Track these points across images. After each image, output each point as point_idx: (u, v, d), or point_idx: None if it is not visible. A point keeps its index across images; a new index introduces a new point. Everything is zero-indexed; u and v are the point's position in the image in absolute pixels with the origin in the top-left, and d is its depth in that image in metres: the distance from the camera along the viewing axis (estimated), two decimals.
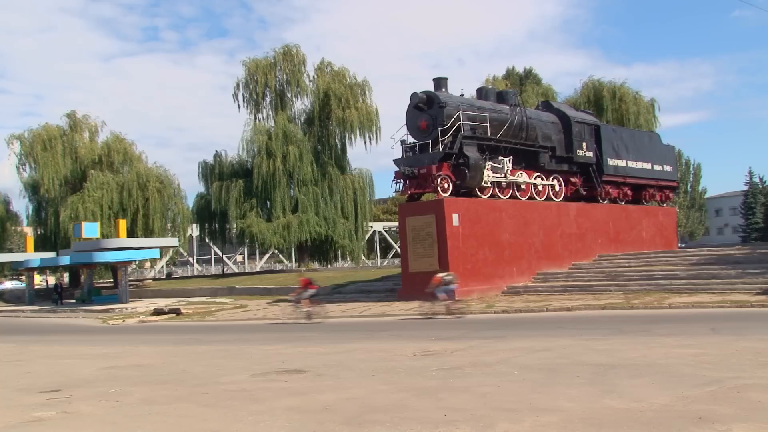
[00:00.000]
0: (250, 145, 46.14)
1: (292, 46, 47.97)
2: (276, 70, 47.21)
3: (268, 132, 45.56)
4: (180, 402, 9.76)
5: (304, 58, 47.75)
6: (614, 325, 16.69)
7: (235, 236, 47.38)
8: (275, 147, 44.21)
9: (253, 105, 47.85)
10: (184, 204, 48.52)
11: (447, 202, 26.23)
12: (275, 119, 46.64)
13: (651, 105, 52.12)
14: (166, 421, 8.66)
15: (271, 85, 47.05)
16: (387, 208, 76.17)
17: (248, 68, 47.25)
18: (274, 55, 47.47)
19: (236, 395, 10.03)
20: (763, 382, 8.98)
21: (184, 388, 10.94)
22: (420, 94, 27.36)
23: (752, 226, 78.93)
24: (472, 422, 7.61)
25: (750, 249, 30.68)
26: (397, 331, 18.80)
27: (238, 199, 44.52)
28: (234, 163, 47.54)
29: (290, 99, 47.98)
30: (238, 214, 44.49)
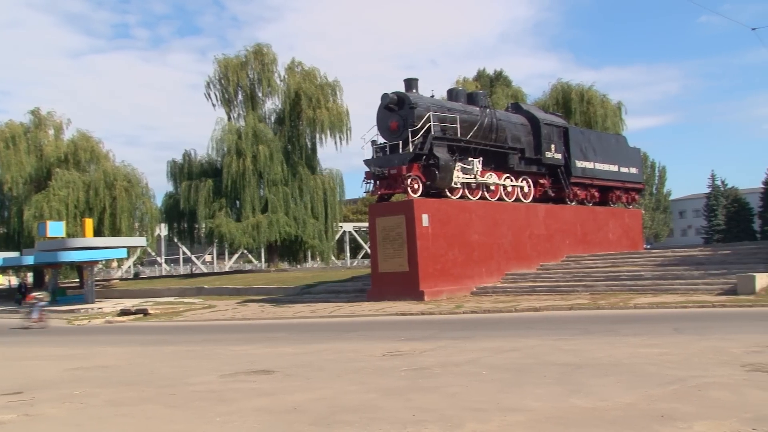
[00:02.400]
0: (220, 144, 45.84)
1: (263, 45, 47.82)
2: (247, 69, 46.97)
3: (238, 131, 45.29)
4: (147, 403, 9.66)
5: (275, 57, 47.61)
6: (581, 326, 16.89)
7: (204, 236, 47.02)
8: (245, 146, 43.97)
9: (225, 104, 47.58)
10: (152, 203, 48.00)
11: (417, 202, 26.31)
12: (246, 118, 46.39)
13: (618, 108, 52.85)
14: (132, 422, 8.57)
15: (242, 84, 46.81)
16: (357, 209, 76.13)
17: (219, 67, 46.93)
18: (246, 54, 47.22)
19: (204, 396, 9.96)
20: (723, 380, 9.17)
21: (151, 389, 10.83)
22: (391, 94, 27.39)
23: (714, 228, 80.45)
24: (440, 422, 7.66)
25: (712, 250, 31.29)
26: (366, 331, 18.80)
27: (207, 198, 44.16)
28: (203, 163, 47.16)
29: (261, 98, 47.79)
30: (207, 213, 44.13)
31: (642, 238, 41.93)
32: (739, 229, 74.80)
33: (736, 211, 78.76)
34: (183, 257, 69.11)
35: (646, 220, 64.39)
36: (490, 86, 54.11)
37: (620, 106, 53.21)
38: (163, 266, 68.66)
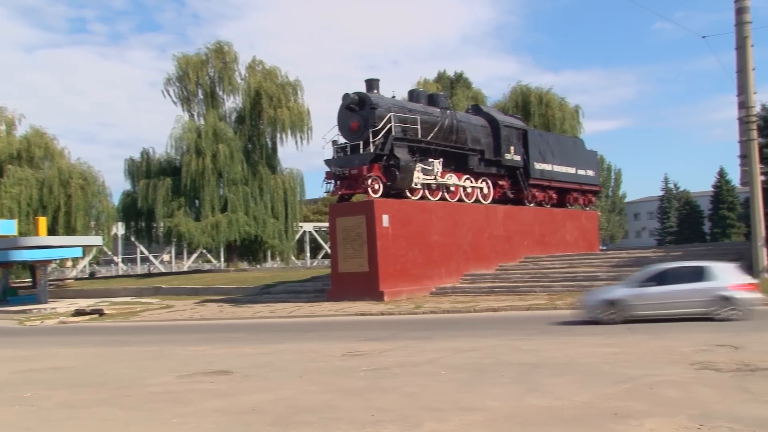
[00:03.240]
0: (179, 142, 45.20)
1: (224, 43, 47.25)
2: (207, 68, 46.39)
3: (197, 130, 44.73)
4: (101, 405, 9.52)
5: (236, 55, 47.12)
6: (539, 326, 17.14)
7: (163, 235, 46.30)
8: (205, 145, 43.46)
9: (184, 102, 46.88)
10: (109, 202, 47.10)
11: (377, 203, 26.36)
12: (206, 117, 45.81)
13: (576, 111, 53.58)
14: (86, 425, 8.44)
15: (202, 82, 46.22)
16: (317, 209, 75.87)
17: (179, 64, 46.25)
18: (206, 52, 46.64)
19: (161, 397, 9.85)
20: (673, 378, 9.42)
21: (107, 390, 10.67)
22: (352, 95, 27.39)
23: (667, 229, 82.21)
24: (399, 422, 7.71)
25: (664, 252, 32.01)
26: (326, 331, 18.79)
27: (165, 197, 43.53)
28: (162, 161, 46.45)
29: (221, 97, 47.23)
30: (165, 212, 43.50)
31: (598, 239, 42.67)
32: (691, 231, 76.60)
33: (688, 213, 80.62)
34: (140, 257, 67.98)
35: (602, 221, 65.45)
36: (451, 88, 54.41)
37: (578, 109, 54.01)
38: (119, 266, 67.43)
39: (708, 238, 73.13)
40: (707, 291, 16.16)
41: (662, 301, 16.47)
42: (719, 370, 9.85)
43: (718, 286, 16.20)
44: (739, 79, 25.58)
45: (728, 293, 16.15)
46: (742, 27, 25.04)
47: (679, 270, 17.18)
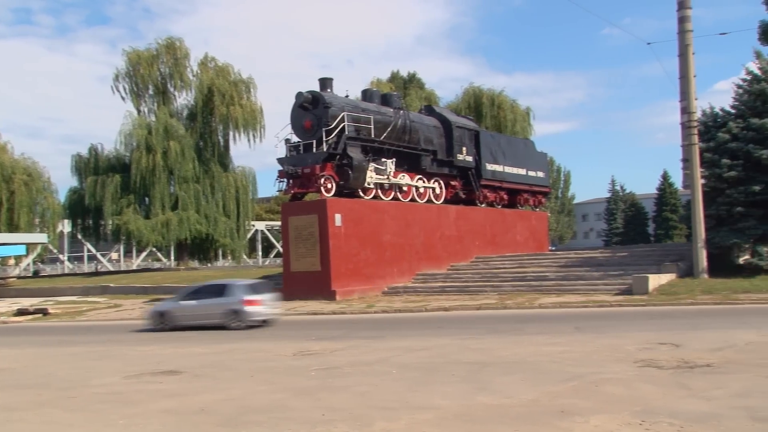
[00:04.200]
0: (128, 139, 44.36)
1: (175, 39, 46.54)
2: (158, 63, 45.63)
3: (148, 126, 43.98)
4: (44, 407, 9.31)
5: (187, 52, 46.48)
6: (489, 325, 17.37)
7: (111, 233, 45.40)
8: (156, 142, 42.75)
9: (134, 98, 45.99)
10: (54, 198, 46.03)
11: (330, 202, 26.34)
12: (156, 113, 45.08)
13: (526, 113, 54.36)
14: (28, 428, 8.25)
15: (153, 78, 45.43)
16: (270, 207, 75.31)
17: (130, 59, 45.38)
18: (157, 47, 45.88)
19: (107, 398, 9.69)
20: (618, 376, 9.68)
21: (50, 392, 10.45)
22: (305, 93, 27.30)
23: (613, 230, 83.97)
24: (349, 421, 7.74)
25: (611, 252, 32.81)
26: (277, 330, 18.72)
27: (114, 194, 42.69)
28: (111, 158, 45.52)
29: (173, 93, 46.53)
30: (114, 210, 42.67)
31: (547, 239, 43.39)
32: (636, 232, 78.44)
33: (633, 215, 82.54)
34: (88, 255, 66.49)
35: (551, 222, 66.55)
36: (404, 88, 54.62)
37: (529, 111, 54.81)
38: (65, 264, 65.84)
39: (652, 239, 75.02)
40: (224, 305, 19.07)
41: (195, 312, 19.50)
42: (661, 368, 10.15)
43: (232, 301, 19.06)
44: (682, 86, 26.29)
45: (238, 307, 18.97)
46: (684, 35, 25.75)
47: (209, 287, 20.39)
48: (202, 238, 45.16)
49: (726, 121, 26.49)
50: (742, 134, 25.53)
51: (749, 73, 27.17)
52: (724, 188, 25.38)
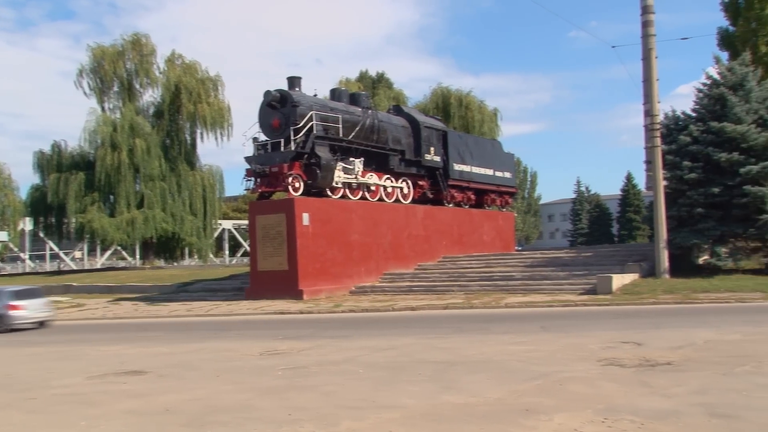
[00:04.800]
0: (93, 136, 43.69)
1: (141, 35, 45.99)
2: (124, 59, 45.04)
3: (113, 123, 43.38)
4: (2, 410, 9.15)
5: (154, 48, 45.98)
6: (455, 324, 17.50)
7: (74, 231, 44.73)
8: (121, 139, 42.19)
9: (99, 94, 45.35)
10: (16, 196, 45.24)
11: (297, 201, 26.27)
12: (122, 111, 44.49)
13: (494, 114, 54.80)
14: None
15: (118, 74, 44.82)
16: (237, 206, 74.78)
17: (94, 55, 44.71)
18: (123, 43, 45.28)
19: (68, 399, 9.55)
20: (581, 375, 9.83)
21: (8, 394, 10.27)
22: (273, 92, 27.18)
23: (579, 231, 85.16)
24: (316, 421, 7.76)
25: (576, 252, 33.25)
26: (244, 330, 18.63)
27: (78, 192, 42.04)
28: (75, 155, 44.81)
29: (139, 90, 45.97)
30: (78, 208, 42.03)
31: (514, 240, 43.78)
32: (600, 232, 79.69)
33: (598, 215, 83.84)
34: (50, 253, 65.21)
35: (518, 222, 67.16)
36: (373, 88, 54.67)
37: (496, 112, 55.26)
38: (27, 263, 64.53)
39: (616, 239, 76.20)
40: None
41: None
42: (623, 366, 10.34)
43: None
44: (645, 89, 26.76)
45: (2, 312, 20.38)
46: (648, 39, 26.20)
47: None
48: (168, 237, 44.72)
49: (687, 124, 27.05)
50: (703, 137, 26.09)
51: (709, 77, 27.80)
52: (685, 190, 25.90)
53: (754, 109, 26.40)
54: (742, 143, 25.47)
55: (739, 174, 25.03)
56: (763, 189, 24.76)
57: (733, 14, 40.69)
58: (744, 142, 25.43)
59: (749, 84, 26.81)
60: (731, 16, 40.86)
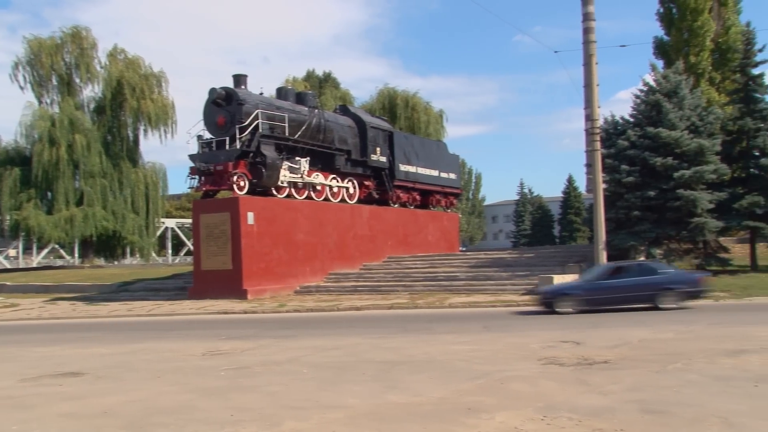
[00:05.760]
0: (30, 130, 42.42)
1: (82, 28, 44.73)
2: (63, 53, 43.75)
3: (51, 118, 42.16)
4: None
5: (95, 42, 44.79)
6: (400, 324, 17.62)
7: (9, 229, 43.30)
8: (60, 135, 41.04)
9: (36, 88, 43.91)
10: None
11: (242, 200, 26.04)
12: (61, 105, 43.23)
13: (440, 115, 55.24)
14: None
15: (57, 68, 43.51)
16: (181, 205, 73.60)
17: (31, 47, 43.28)
18: (62, 36, 43.96)
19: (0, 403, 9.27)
20: (522, 374, 10.04)
21: None
22: (218, 89, 26.87)
23: (521, 232, 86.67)
24: (259, 421, 7.73)
25: (518, 253, 33.89)
26: (186, 330, 18.38)
27: (13, 188, 40.74)
28: (10, 150, 43.35)
29: (78, 85, 44.70)
30: (12, 204, 40.72)
31: (458, 240, 44.29)
32: (542, 234, 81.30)
33: (540, 217, 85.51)
34: None
35: (462, 223, 67.96)
36: (319, 87, 54.54)
37: (442, 113, 55.71)
38: None
39: (557, 240, 77.80)
40: None
41: None
42: (562, 365, 10.60)
43: None
44: (586, 94, 27.40)
45: None
46: (588, 45, 26.83)
47: None
48: (109, 235, 43.74)
49: (625, 129, 27.89)
50: (640, 142, 26.92)
51: (646, 84, 28.74)
52: (623, 193, 26.68)
53: (687, 116, 27.41)
54: (676, 149, 26.40)
55: (673, 178, 25.93)
56: (695, 193, 25.73)
57: (667, 24, 42.25)
58: (678, 148, 26.36)
59: (682, 92, 27.82)
60: (666, 26, 42.43)
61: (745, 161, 28.67)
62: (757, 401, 7.93)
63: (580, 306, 18.60)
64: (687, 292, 18.48)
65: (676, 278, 18.78)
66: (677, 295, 18.35)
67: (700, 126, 27.59)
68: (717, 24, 40.92)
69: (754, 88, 28.70)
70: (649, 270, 19.05)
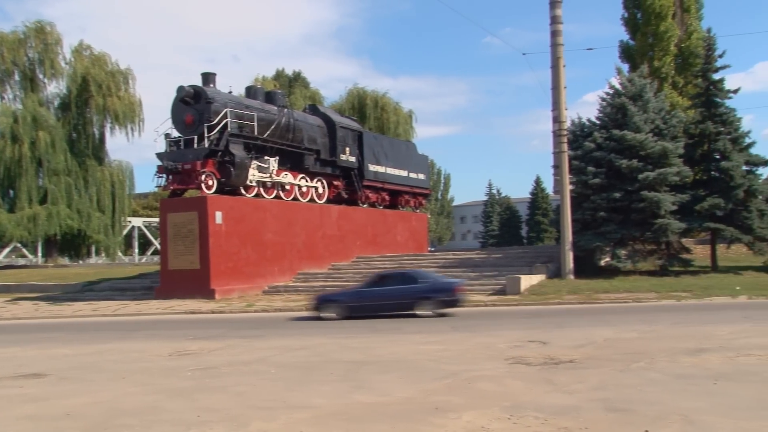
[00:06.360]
0: None
1: (46, 23, 43.90)
2: (26, 48, 42.91)
3: (14, 114, 41.34)
4: None
5: (59, 37, 43.99)
6: (369, 324, 17.64)
7: None
8: (23, 131, 40.26)
9: None
10: None
11: (210, 199, 25.84)
12: (23, 101, 42.41)
13: (409, 116, 55.39)
14: None
15: (19, 63, 42.67)
16: (148, 204, 72.69)
17: None
18: (25, 30, 43.09)
19: None
20: (489, 373, 10.14)
21: None
22: (187, 87, 26.61)
23: (490, 233, 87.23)
24: (226, 422, 7.70)
25: (486, 254, 34.12)
26: (153, 330, 18.20)
27: None
28: None
29: (42, 81, 43.90)
30: None
31: (427, 240, 44.46)
32: (510, 234, 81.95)
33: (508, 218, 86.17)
34: None
35: (431, 224, 68.23)
36: (289, 86, 54.35)
37: (411, 114, 55.87)
38: None
39: (525, 241, 78.50)
40: None
41: None
42: (529, 364, 10.73)
43: None
44: (553, 96, 27.78)
45: None
46: (556, 48, 27.22)
47: None
48: (74, 234, 43.03)
49: (592, 131, 28.28)
50: (606, 144, 27.32)
51: (612, 87, 29.19)
52: (589, 194, 27.04)
53: (651, 119, 27.90)
54: (640, 151, 26.84)
55: (637, 180, 26.36)
56: (659, 195, 26.19)
57: (632, 29, 43.01)
58: (642, 150, 26.80)
59: (647, 95, 28.31)
60: (631, 31, 43.19)
61: (707, 164, 29.27)
62: (717, 398, 8.12)
63: (344, 312, 19.24)
64: (443, 301, 19.15)
65: (434, 287, 19.41)
66: (434, 303, 18.99)
67: (663, 129, 28.09)
68: (680, 29, 41.76)
69: (714, 93, 29.29)
70: (411, 279, 19.73)
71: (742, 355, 10.93)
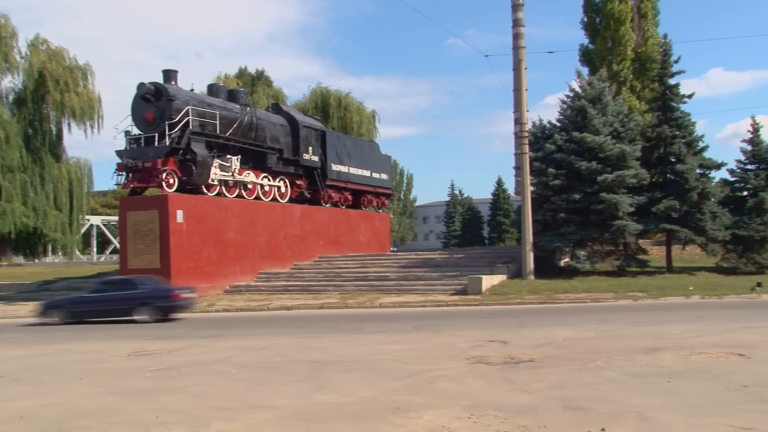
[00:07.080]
0: None
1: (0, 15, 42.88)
2: None
3: None
4: None
5: (14, 31, 42.85)
6: (330, 324, 17.65)
7: None
8: None
9: None
10: None
11: (171, 197, 25.55)
12: None
13: (372, 116, 55.37)
14: None
15: None
16: (107, 202, 71.54)
17: None
18: None
19: None
20: (451, 373, 10.23)
21: None
22: (148, 84, 26.26)
23: (452, 233, 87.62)
24: (185, 423, 7.64)
25: (449, 254, 34.36)
26: (111, 330, 17.94)
27: None
28: None
29: None
30: None
31: (390, 240, 44.57)
32: (472, 235, 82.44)
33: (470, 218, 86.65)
34: None
35: (393, 224, 68.39)
36: (252, 85, 53.88)
37: (375, 114, 55.84)
38: None
39: (487, 241, 79.08)
40: None
41: None
42: (490, 364, 10.85)
43: None
44: (515, 98, 28.15)
45: None
46: (518, 51, 27.56)
47: None
48: (29, 232, 42.00)
49: (552, 133, 28.68)
50: (566, 146, 27.73)
51: (572, 90, 29.62)
52: (549, 195, 27.42)
53: (610, 122, 28.42)
54: (599, 153, 27.31)
55: (597, 182, 26.82)
56: (617, 197, 26.69)
57: (592, 33, 43.74)
58: (601, 152, 27.28)
59: (606, 98, 28.82)
60: (590, 35, 43.91)
61: (663, 167, 29.91)
62: (670, 396, 8.32)
63: (67, 317, 19.94)
64: (160, 307, 19.88)
65: (152, 293, 20.10)
66: (151, 309, 19.70)
67: (621, 132, 28.62)
68: (637, 35, 42.57)
69: (670, 98, 29.92)
70: (131, 285, 20.46)
71: (694, 353, 11.21)
